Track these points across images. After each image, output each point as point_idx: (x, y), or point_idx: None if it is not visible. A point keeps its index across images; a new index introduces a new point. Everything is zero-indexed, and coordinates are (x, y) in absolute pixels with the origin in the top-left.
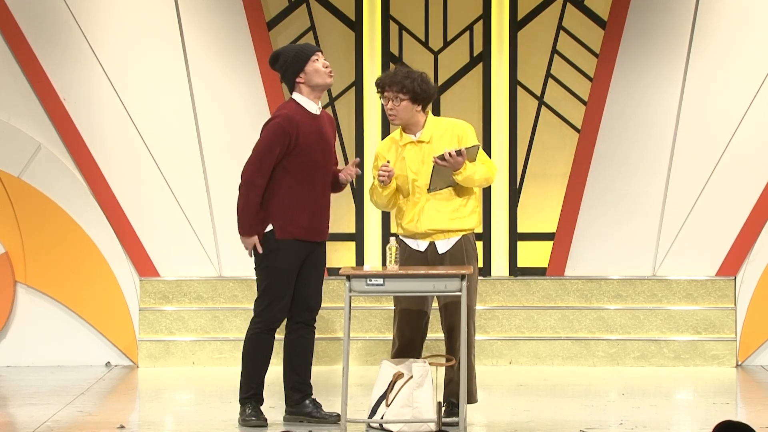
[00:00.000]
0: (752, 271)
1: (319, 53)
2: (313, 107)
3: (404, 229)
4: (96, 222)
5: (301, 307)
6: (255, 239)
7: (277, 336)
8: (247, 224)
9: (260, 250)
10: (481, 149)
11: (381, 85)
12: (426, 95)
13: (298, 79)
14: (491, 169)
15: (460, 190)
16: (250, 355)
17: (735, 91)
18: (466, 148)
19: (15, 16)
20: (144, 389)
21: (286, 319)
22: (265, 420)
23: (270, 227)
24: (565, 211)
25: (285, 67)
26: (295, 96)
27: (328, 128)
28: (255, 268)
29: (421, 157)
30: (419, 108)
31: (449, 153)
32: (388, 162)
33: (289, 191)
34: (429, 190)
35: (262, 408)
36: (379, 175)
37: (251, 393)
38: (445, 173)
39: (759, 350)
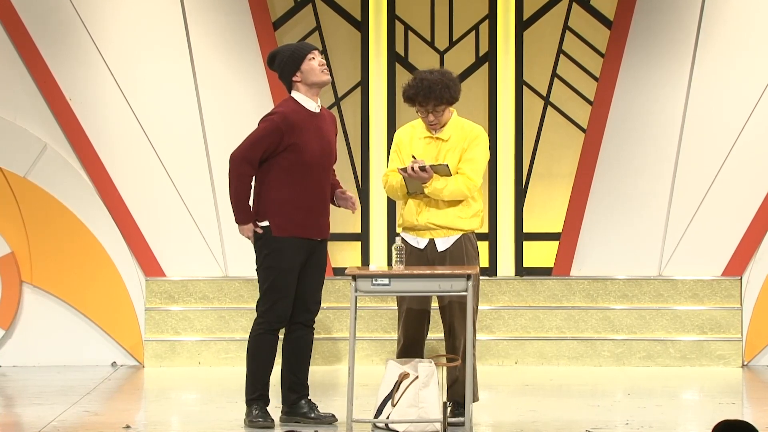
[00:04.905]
0: (758, 271)
1: (315, 51)
2: (312, 105)
3: (404, 220)
4: (102, 222)
5: (299, 307)
6: (251, 225)
7: None
8: (240, 211)
9: (260, 231)
10: (480, 160)
11: (415, 99)
12: (458, 95)
13: (294, 78)
14: (467, 185)
15: None
16: (255, 357)
17: (741, 91)
18: (431, 165)
19: (21, 16)
20: (150, 389)
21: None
22: (272, 421)
23: (266, 223)
24: (570, 211)
25: (282, 66)
26: (294, 94)
27: (328, 126)
28: (256, 269)
29: (435, 153)
30: (452, 108)
31: (412, 167)
32: (414, 158)
33: (285, 189)
34: (408, 193)
35: (268, 408)
36: (406, 169)
37: (257, 394)
38: (416, 183)
39: (765, 350)
